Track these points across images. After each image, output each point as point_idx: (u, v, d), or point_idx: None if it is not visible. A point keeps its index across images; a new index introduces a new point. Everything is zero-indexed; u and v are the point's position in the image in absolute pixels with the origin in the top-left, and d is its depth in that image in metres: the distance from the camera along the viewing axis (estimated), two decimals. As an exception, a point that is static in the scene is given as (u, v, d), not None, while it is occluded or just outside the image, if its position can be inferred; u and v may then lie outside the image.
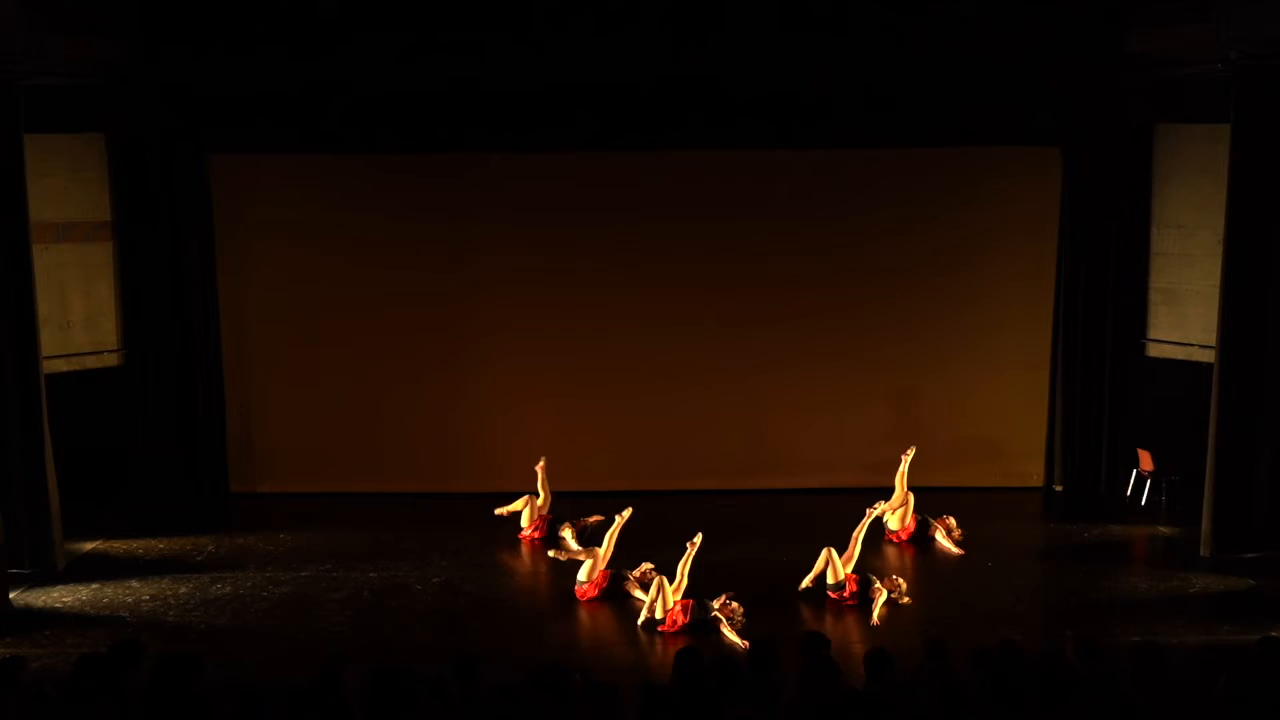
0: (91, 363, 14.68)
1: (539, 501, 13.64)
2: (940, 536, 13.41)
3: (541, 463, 13.75)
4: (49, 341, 13.43)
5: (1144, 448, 14.67)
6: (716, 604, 10.99)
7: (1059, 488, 15.42)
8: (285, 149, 14.79)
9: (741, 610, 10.94)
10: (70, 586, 12.24)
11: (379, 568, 12.77)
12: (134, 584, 12.32)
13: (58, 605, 11.82)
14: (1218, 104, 12.91)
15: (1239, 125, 12.47)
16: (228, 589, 12.23)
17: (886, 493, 13.59)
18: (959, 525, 13.45)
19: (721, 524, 13.95)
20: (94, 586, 12.25)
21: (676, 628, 10.99)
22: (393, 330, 15.17)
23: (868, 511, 12.29)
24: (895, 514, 13.51)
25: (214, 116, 14.30)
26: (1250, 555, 12.76)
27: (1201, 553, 12.98)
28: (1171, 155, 14.73)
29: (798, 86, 14.19)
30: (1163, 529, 14.16)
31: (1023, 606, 11.85)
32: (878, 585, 11.55)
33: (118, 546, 13.53)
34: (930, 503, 13.96)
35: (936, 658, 7.27)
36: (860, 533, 11.96)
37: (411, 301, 15.16)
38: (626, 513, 12.02)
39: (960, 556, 13.14)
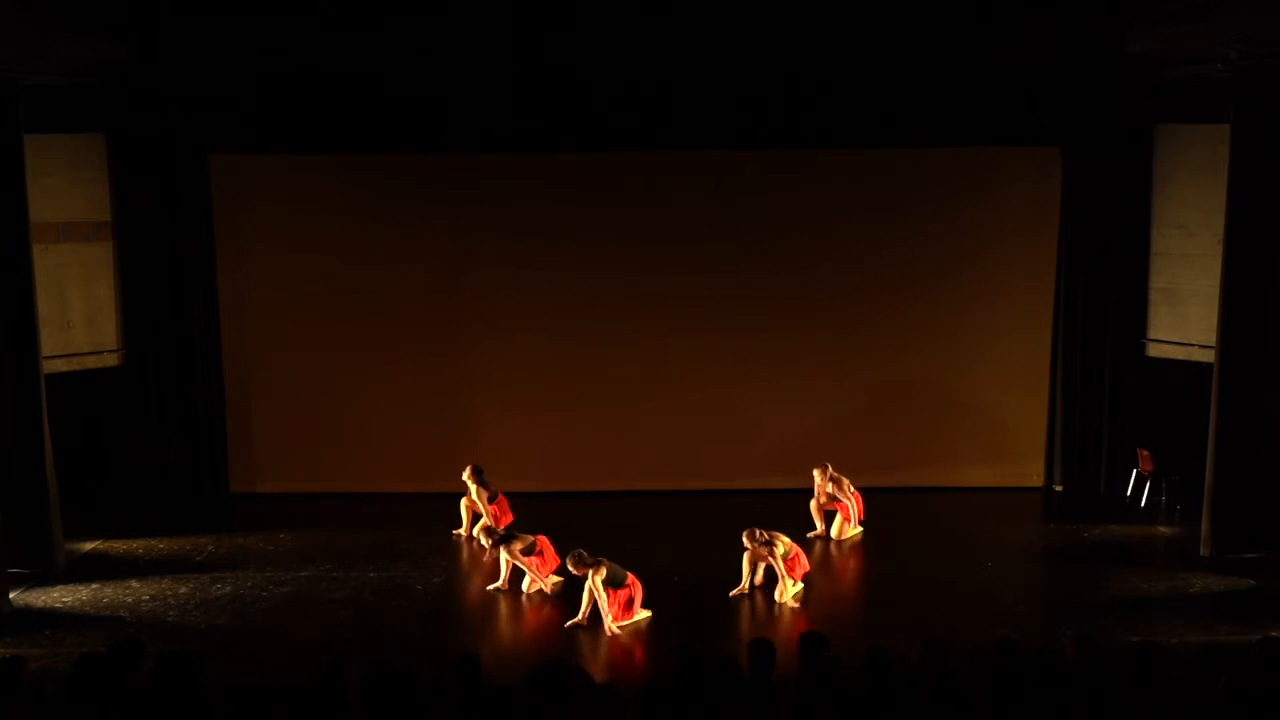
0: (91, 363, 14.68)
1: (478, 507, 13.66)
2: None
3: (459, 534, 13.76)
4: (49, 341, 13.43)
5: (1144, 448, 14.67)
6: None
7: (1059, 488, 15.42)
8: (285, 149, 14.80)
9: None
10: (70, 586, 12.24)
11: (379, 568, 12.78)
12: (134, 584, 12.32)
13: (58, 605, 11.82)
14: (1218, 104, 12.92)
15: (1239, 125, 12.47)
16: (228, 589, 12.23)
17: (887, 492, 13.63)
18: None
19: (719, 523, 13.98)
20: (94, 586, 12.25)
21: (627, 614, 11.09)
22: (392, 330, 15.17)
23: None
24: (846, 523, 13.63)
25: (214, 116, 14.31)
26: (1250, 555, 12.77)
27: (1201, 553, 12.99)
28: (1171, 155, 14.73)
29: (796, 86, 14.19)
30: (1163, 529, 14.16)
31: (1023, 606, 11.85)
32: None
33: (118, 546, 13.54)
34: (930, 502, 13.99)
35: (936, 658, 7.26)
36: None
37: (411, 301, 15.17)
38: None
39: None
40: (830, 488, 13.64)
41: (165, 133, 14.35)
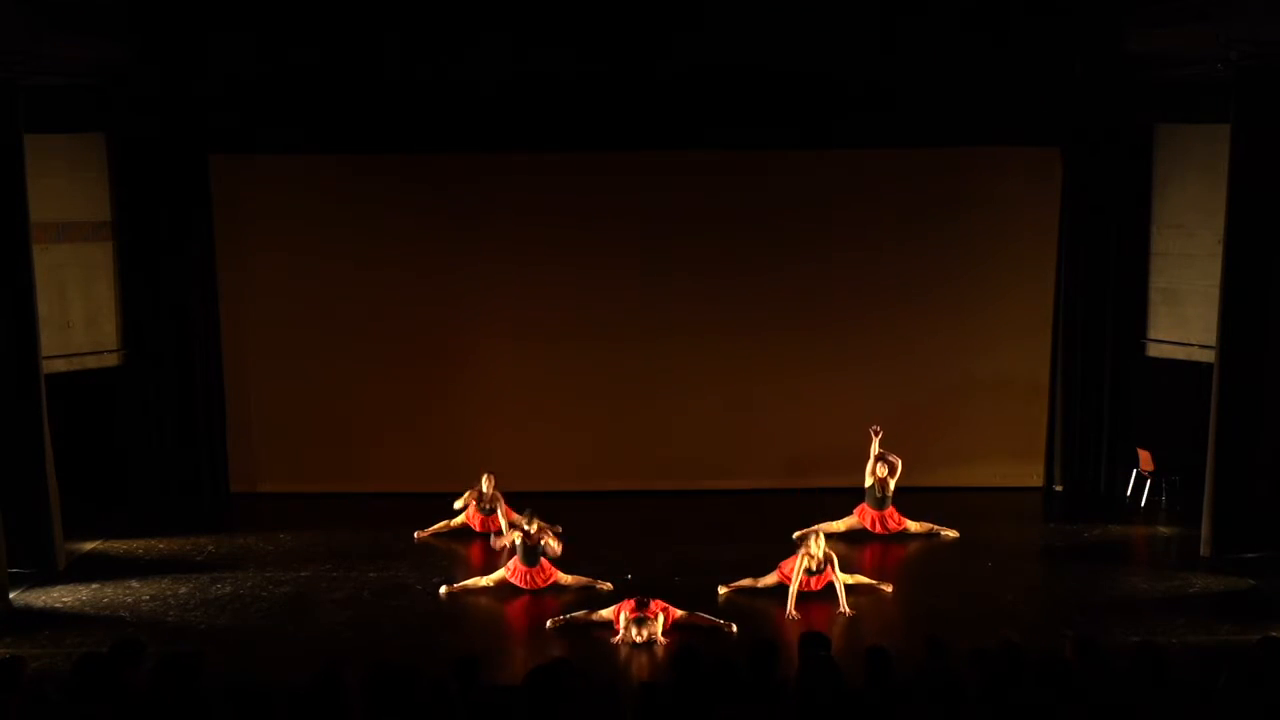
0: (91, 363, 14.67)
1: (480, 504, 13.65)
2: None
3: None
4: (49, 341, 13.41)
5: (1144, 448, 14.67)
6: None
7: (1059, 488, 15.42)
8: (285, 149, 14.79)
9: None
10: (70, 586, 12.23)
11: (379, 568, 12.77)
12: (134, 584, 12.31)
13: (58, 605, 11.82)
14: (1218, 104, 12.91)
15: (1239, 125, 12.46)
16: (228, 589, 12.23)
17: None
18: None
19: (717, 523, 14.01)
20: (94, 586, 12.24)
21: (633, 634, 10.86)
22: (393, 330, 15.17)
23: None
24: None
25: (214, 116, 14.31)
26: (1250, 555, 12.76)
27: (1201, 553, 12.97)
28: (1171, 155, 14.72)
29: (795, 86, 14.18)
30: (1163, 529, 14.16)
31: (1023, 606, 11.85)
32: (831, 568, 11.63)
33: (118, 546, 13.53)
34: (929, 502, 13.99)
35: (936, 658, 7.27)
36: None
37: (411, 301, 15.17)
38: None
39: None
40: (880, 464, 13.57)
41: (165, 133, 14.32)
